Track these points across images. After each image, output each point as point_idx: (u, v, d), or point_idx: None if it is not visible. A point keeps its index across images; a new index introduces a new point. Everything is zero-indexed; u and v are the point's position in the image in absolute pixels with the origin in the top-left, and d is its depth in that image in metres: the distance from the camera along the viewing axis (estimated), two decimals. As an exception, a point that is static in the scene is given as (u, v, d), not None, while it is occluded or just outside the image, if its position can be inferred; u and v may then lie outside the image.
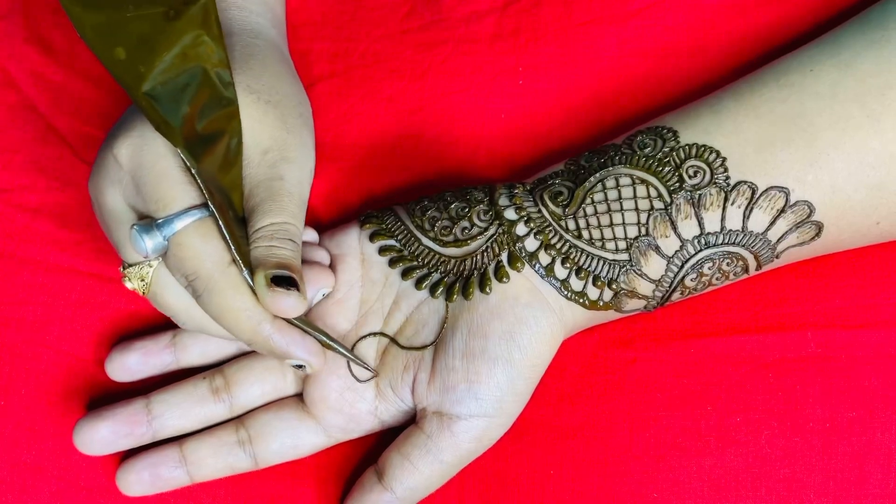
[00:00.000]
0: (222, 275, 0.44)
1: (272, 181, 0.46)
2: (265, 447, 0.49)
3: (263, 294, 0.43)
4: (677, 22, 0.55)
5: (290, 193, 0.46)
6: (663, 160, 0.47)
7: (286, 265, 0.44)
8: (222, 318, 0.44)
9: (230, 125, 0.46)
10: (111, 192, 0.45)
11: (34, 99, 0.58)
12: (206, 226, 0.44)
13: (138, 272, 0.46)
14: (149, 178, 0.44)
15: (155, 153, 0.44)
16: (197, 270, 0.44)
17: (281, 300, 0.43)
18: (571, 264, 0.47)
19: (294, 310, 0.44)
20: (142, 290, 0.46)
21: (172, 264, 0.44)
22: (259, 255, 0.44)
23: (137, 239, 0.43)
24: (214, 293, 0.44)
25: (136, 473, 0.50)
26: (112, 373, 0.51)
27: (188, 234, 0.44)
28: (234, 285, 0.44)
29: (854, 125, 0.45)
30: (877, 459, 0.48)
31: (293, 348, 0.45)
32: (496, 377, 0.46)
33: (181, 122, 0.44)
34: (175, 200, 0.44)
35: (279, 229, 0.45)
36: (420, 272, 0.49)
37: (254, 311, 0.44)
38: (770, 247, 0.47)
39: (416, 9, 0.57)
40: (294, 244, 0.45)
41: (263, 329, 0.44)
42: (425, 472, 0.47)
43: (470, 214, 0.49)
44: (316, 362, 0.46)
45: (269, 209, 0.45)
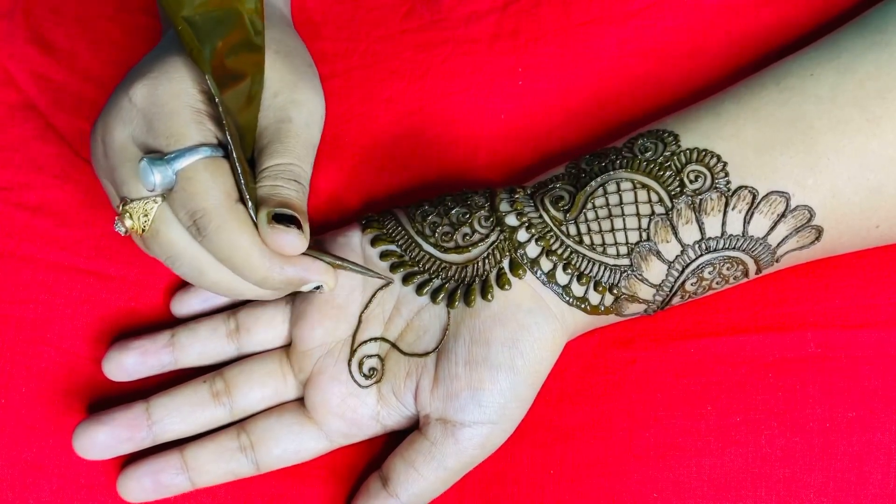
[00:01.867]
0: (230, 211, 0.44)
1: (280, 123, 0.47)
2: (267, 452, 0.49)
3: (265, 231, 0.44)
4: (677, 23, 0.55)
5: (298, 135, 0.47)
6: (664, 164, 0.47)
7: (288, 203, 0.45)
8: (231, 256, 0.44)
9: (254, 69, 0.47)
10: (120, 130, 0.45)
11: (34, 98, 0.58)
12: (216, 163, 0.44)
13: (141, 207, 0.45)
14: (162, 115, 0.44)
15: (170, 92, 0.45)
16: (204, 206, 0.44)
17: (281, 237, 0.44)
18: (573, 270, 0.47)
19: (293, 247, 0.44)
20: (142, 226, 0.45)
21: (179, 200, 0.44)
22: (263, 193, 0.45)
23: (147, 171, 0.43)
24: (222, 230, 0.44)
25: (137, 480, 0.49)
26: (109, 372, 0.51)
27: (197, 170, 0.44)
28: (242, 222, 0.44)
29: (854, 128, 0.45)
30: (876, 459, 0.48)
31: (307, 273, 0.45)
32: (499, 384, 0.46)
33: (211, 53, 0.44)
34: (186, 136, 0.44)
35: (284, 170, 0.46)
36: (421, 278, 0.49)
37: (264, 247, 0.44)
38: (770, 251, 0.47)
39: (415, 9, 0.57)
40: (298, 185, 0.46)
41: (274, 263, 0.45)
42: (430, 478, 0.47)
43: (471, 220, 0.49)
44: (331, 280, 0.46)
45: (275, 150, 0.46)
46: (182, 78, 0.45)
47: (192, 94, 0.45)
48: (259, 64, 0.47)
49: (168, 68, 0.45)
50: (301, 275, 0.45)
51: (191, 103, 0.45)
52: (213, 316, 0.52)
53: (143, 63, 0.47)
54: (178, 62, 0.46)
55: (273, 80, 0.47)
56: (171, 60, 0.46)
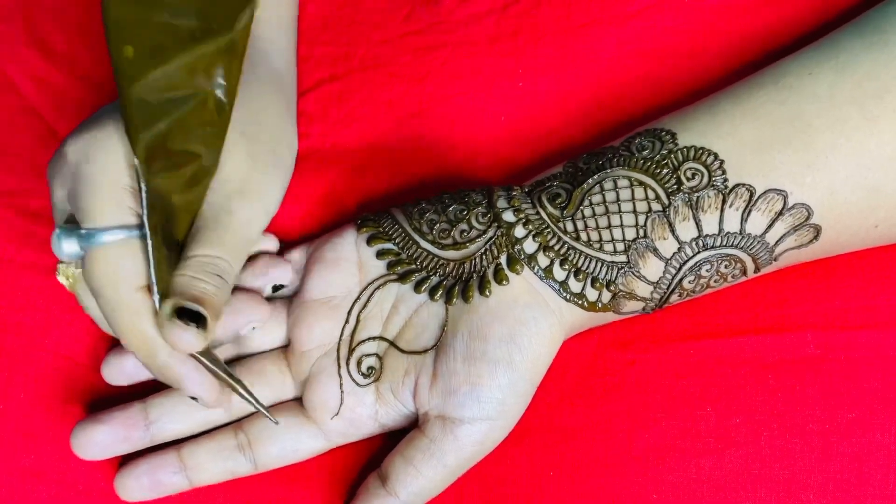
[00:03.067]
0: (126, 297, 0.43)
1: (220, 213, 0.45)
2: (265, 451, 0.49)
3: (162, 322, 0.42)
4: (676, 23, 0.55)
5: (234, 230, 0.45)
6: (661, 162, 0.47)
7: (200, 300, 0.43)
8: (122, 338, 0.44)
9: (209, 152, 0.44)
10: (58, 187, 0.45)
11: (35, 103, 0.58)
12: (127, 247, 0.43)
13: (65, 269, 0.46)
14: (86, 186, 0.43)
15: (100, 161, 0.44)
16: (102, 289, 0.43)
17: (177, 334, 0.42)
18: (570, 266, 0.47)
19: (190, 346, 0.42)
20: (69, 286, 0.47)
21: (85, 276, 0.44)
22: (180, 283, 0.43)
23: (56, 241, 0.44)
24: (116, 314, 0.43)
25: (135, 479, 0.49)
26: (109, 376, 0.51)
27: (104, 252, 0.43)
28: (136, 310, 0.43)
29: (851, 127, 0.45)
30: (876, 460, 0.48)
31: (187, 383, 0.45)
32: (498, 379, 0.46)
33: (153, 136, 0.42)
34: (102, 216, 0.43)
35: (210, 262, 0.44)
36: (419, 275, 0.49)
37: (152, 339, 0.43)
38: (768, 249, 0.47)
39: (415, 11, 0.57)
40: (221, 280, 0.44)
41: (160, 357, 0.44)
42: (429, 475, 0.47)
43: (468, 217, 0.49)
44: (208, 399, 0.45)
45: (206, 238, 0.44)
46: (117, 150, 0.44)
47: (126, 165, 0.43)
48: (216, 147, 0.45)
49: (106, 135, 0.44)
50: (179, 382, 0.45)
51: (118, 177, 0.43)
52: None
53: (91, 119, 0.46)
54: (118, 131, 0.44)
55: (226, 165, 0.46)
56: (112, 127, 0.44)
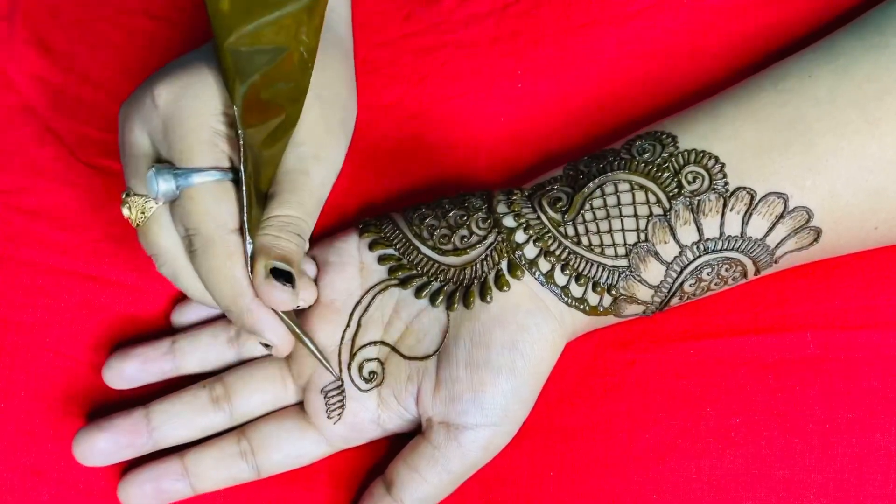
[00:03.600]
0: (221, 239, 0.44)
1: (298, 174, 0.47)
2: (267, 458, 0.49)
3: (260, 282, 0.44)
4: (676, 24, 0.55)
5: (311, 191, 0.47)
6: (662, 166, 0.47)
7: (288, 259, 0.45)
8: (208, 279, 0.45)
9: (292, 107, 0.46)
10: (138, 126, 0.46)
11: (33, 100, 0.58)
12: (222, 188, 0.45)
13: (141, 204, 0.46)
14: (180, 128, 0.45)
15: (193, 107, 0.45)
16: (199, 227, 0.44)
17: (275, 292, 0.44)
18: (571, 271, 0.47)
19: (284, 304, 0.44)
20: (136, 220, 0.46)
21: (178, 214, 0.45)
22: (266, 242, 0.45)
23: (152, 180, 0.44)
24: (209, 254, 0.44)
25: (138, 487, 0.49)
26: (110, 381, 0.51)
27: (201, 192, 0.44)
28: (229, 252, 0.44)
29: (852, 130, 0.45)
30: (876, 460, 0.48)
31: (265, 329, 0.46)
32: (500, 386, 0.46)
33: (248, 85, 0.44)
34: (198, 157, 0.44)
35: (291, 222, 0.46)
36: (420, 281, 0.49)
37: (240, 282, 0.44)
38: (769, 252, 0.47)
39: (414, 13, 0.57)
40: (301, 240, 0.46)
41: (244, 301, 0.45)
42: (434, 482, 0.47)
43: (468, 222, 0.49)
44: (282, 347, 0.46)
45: (287, 200, 0.46)
46: (209, 96, 0.45)
47: (215, 114, 0.45)
48: (298, 102, 0.46)
49: (198, 81, 0.45)
50: (259, 327, 0.45)
51: (211, 123, 0.45)
52: (214, 323, 0.52)
53: (174, 65, 0.47)
54: (210, 78, 0.45)
55: (303, 127, 0.47)
56: (204, 73, 0.46)
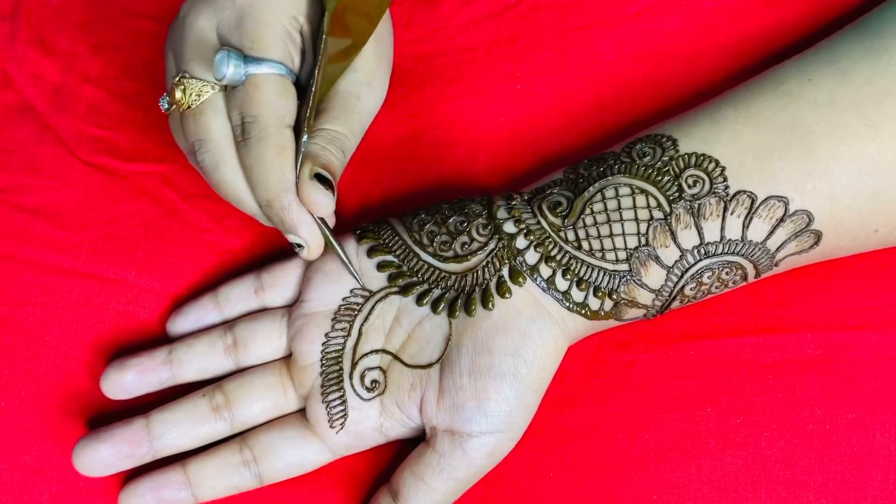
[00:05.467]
0: (278, 130, 0.46)
1: (350, 96, 0.49)
2: (269, 466, 0.49)
3: (305, 182, 0.46)
4: (674, 26, 0.55)
5: (360, 114, 0.49)
6: (662, 169, 0.47)
7: (332, 170, 0.46)
8: (255, 168, 0.46)
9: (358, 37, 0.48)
10: (206, 15, 0.47)
11: (32, 99, 0.58)
12: (285, 84, 0.46)
13: (198, 87, 0.47)
14: (256, 19, 0.46)
15: (271, 4, 0.46)
16: (258, 115, 0.45)
17: (317, 194, 0.46)
18: (572, 276, 0.47)
19: (323, 208, 0.46)
20: (189, 103, 0.47)
21: (238, 99, 0.46)
22: (313, 150, 0.46)
23: (223, 61, 0.45)
24: (263, 143, 0.45)
25: (139, 497, 0.49)
26: (108, 391, 0.51)
27: (268, 81, 0.46)
28: (282, 145, 0.46)
29: (852, 133, 0.45)
30: (876, 461, 0.48)
31: (302, 226, 0.46)
32: (504, 393, 0.46)
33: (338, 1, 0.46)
34: (271, 48, 0.46)
35: (338, 138, 0.48)
36: (420, 288, 0.49)
37: (286, 177, 0.46)
38: (769, 256, 0.47)
39: (413, 20, 0.57)
40: (344, 157, 0.48)
41: (287, 196, 0.46)
42: (440, 490, 0.47)
43: (469, 229, 0.49)
44: (315, 248, 0.47)
45: (338, 117, 0.48)
46: None
47: (291, 16, 0.47)
48: (365, 35, 0.48)
49: None
50: (297, 222, 0.46)
51: (285, 23, 0.46)
52: (210, 331, 0.52)
53: None
54: None
55: (360, 56, 0.49)
56: None
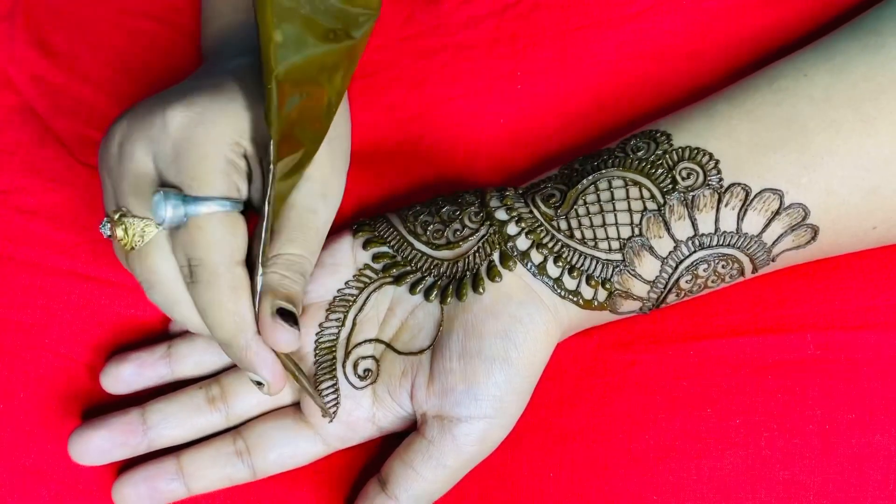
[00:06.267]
0: (227, 271, 0.44)
1: (306, 211, 0.46)
2: (263, 458, 0.49)
3: (266, 321, 0.44)
4: (674, 26, 0.55)
5: (317, 230, 0.47)
6: (656, 162, 0.47)
7: (294, 300, 0.45)
8: (208, 311, 0.44)
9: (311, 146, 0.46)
10: (143, 146, 0.44)
11: (32, 101, 0.58)
12: (231, 219, 0.44)
13: (140, 227, 0.45)
14: (193, 154, 0.44)
15: (209, 134, 0.44)
16: (205, 258, 0.44)
17: (280, 333, 0.44)
18: (564, 263, 0.47)
19: (288, 346, 0.44)
20: (132, 244, 0.45)
21: (182, 243, 0.44)
22: (272, 281, 0.45)
23: (160, 205, 0.43)
24: (212, 286, 0.44)
25: (132, 487, 0.49)
26: (107, 385, 0.51)
27: (211, 221, 0.43)
28: (234, 286, 0.44)
29: (847, 129, 0.45)
30: (876, 461, 0.48)
31: (262, 367, 0.45)
32: (494, 377, 0.46)
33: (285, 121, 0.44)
34: (211, 185, 0.44)
35: (297, 262, 0.46)
36: (413, 277, 0.49)
37: (243, 318, 0.44)
38: (765, 249, 0.47)
39: (414, 15, 0.57)
40: (304, 281, 0.46)
41: (245, 337, 0.44)
42: (429, 478, 0.47)
43: (461, 216, 0.49)
44: (276, 386, 0.46)
45: (294, 238, 0.46)
46: (228, 122, 0.44)
47: (232, 143, 0.44)
48: (316, 142, 0.46)
49: (215, 108, 0.45)
50: (257, 363, 0.45)
51: (226, 152, 0.44)
52: None
53: (192, 84, 0.46)
54: (227, 106, 0.45)
55: (313, 163, 0.47)
56: (221, 101, 0.45)
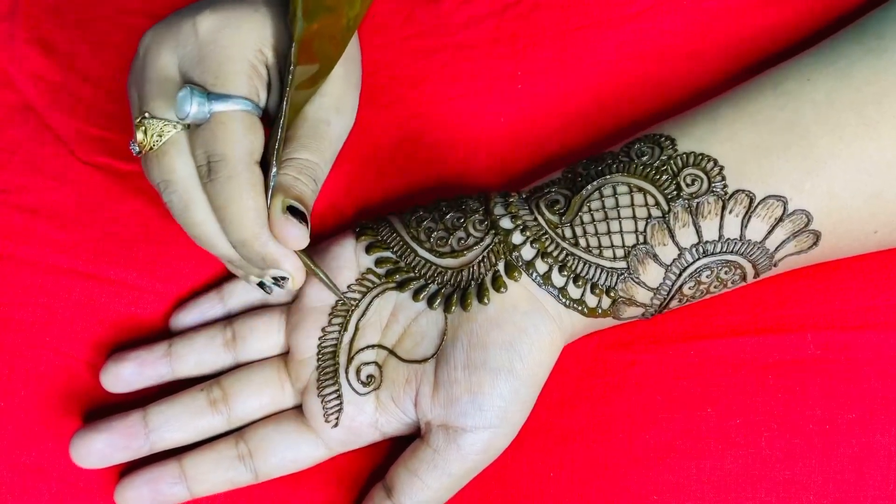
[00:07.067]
0: (247, 168, 0.45)
1: (320, 122, 0.48)
2: (265, 461, 0.49)
3: (277, 217, 0.45)
4: (675, 26, 0.55)
5: (330, 140, 0.48)
6: (661, 168, 0.47)
7: (304, 201, 0.46)
8: (227, 207, 0.45)
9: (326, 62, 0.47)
10: (168, 51, 0.46)
11: (32, 99, 0.58)
12: (251, 119, 0.45)
13: (159, 126, 0.45)
14: (220, 54, 0.45)
15: (235, 37, 0.45)
16: (225, 153, 0.44)
17: (289, 228, 0.45)
18: (569, 272, 0.47)
19: (297, 241, 0.45)
20: (151, 144, 0.46)
21: (203, 138, 0.45)
22: (284, 181, 0.46)
23: (186, 99, 0.44)
24: (232, 181, 0.44)
25: (135, 490, 0.49)
26: (107, 384, 0.51)
27: (233, 118, 0.44)
28: (252, 183, 0.45)
29: (851, 133, 0.45)
30: (876, 461, 0.48)
31: (284, 259, 0.46)
32: (499, 388, 0.46)
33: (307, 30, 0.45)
34: (235, 84, 0.45)
35: (309, 167, 0.47)
36: (417, 283, 0.49)
37: (261, 214, 0.45)
38: (768, 255, 0.47)
39: (414, 14, 0.57)
40: (315, 185, 0.47)
41: (263, 231, 0.45)
42: (434, 486, 0.47)
43: (465, 224, 0.49)
44: (299, 278, 0.47)
45: (307, 145, 0.47)
46: (253, 29, 0.46)
47: (256, 49, 0.46)
48: (332, 59, 0.47)
49: (241, 15, 0.46)
50: (277, 256, 0.46)
51: (250, 57, 0.45)
52: (210, 326, 0.52)
53: None
54: (253, 14, 0.46)
55: (328, 80, 0.48)
56: (247, 10, 0.46)
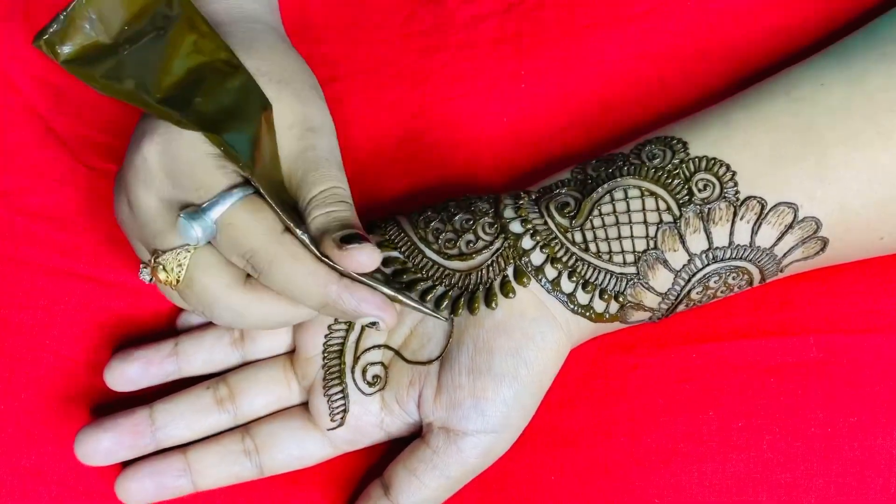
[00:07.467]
0: (279, 244, 0.43)
1: (306, 152, 0.46)
2: (270, 457, 0.49)
3: (337, 255, 0.43)
4: (680, 26, 0.54)
5: (327, 160, 0.46)
6: (673, 172, 0.47)
7: (348, 224, 0.44)
8: (289, 287, 0.43)
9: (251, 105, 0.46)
10: (143, 191, 0.45)
11: (34, 101, 0.57)
12: (252, 201, 0.44)
13: (175, 258, 0.44)
14: (184, 170, 0.44)
15: (183, 146, 0.44)
16: (253, 246, 0.43)
17: (356, 255, 0.43)
18: (578, 278, 0.47)
19: (371, 261, 0.43)
20: (176, 277, 0.45)
21: (226, 246, 0.44)
22: (320, 223, 0.44)
23: (187, 226, 0.43)
24: (276, 264, 0.43)
25: (138, 481, 0.49)
26: (112, 383, 0.51)
27: (237, 213, 0.43)
28: (293, 252, 0.43)
29: (864, 141, 0.45)
30: (878, 464, 0.48)
31: (364, 305, 0.44)
32: (502, 394, 0.46)
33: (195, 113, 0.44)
34: (215, 184, 0.44)
35: (330, 195, 0.45)
36: (424, 285, 0.49)
37: (319, 273, 0.43)
38: (776, 261, 0.47)
39: (417, 12, 0.57)
40: (347, 205, 0.45)
41: (332, 290, 0.43)
42: (431, 486, 0.47)
43: (475, 227, 0.49)
44: (388, 317, 0.45)
45: (313, 179, 0.45)
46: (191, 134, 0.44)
47: (204, 142, 0.44)
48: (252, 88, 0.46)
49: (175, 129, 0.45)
50: (357, 305, 0.44)
51: (208, 151, 0.44)
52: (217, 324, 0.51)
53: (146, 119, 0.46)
54: None
55: (284, 113, 0.46)
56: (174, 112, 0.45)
